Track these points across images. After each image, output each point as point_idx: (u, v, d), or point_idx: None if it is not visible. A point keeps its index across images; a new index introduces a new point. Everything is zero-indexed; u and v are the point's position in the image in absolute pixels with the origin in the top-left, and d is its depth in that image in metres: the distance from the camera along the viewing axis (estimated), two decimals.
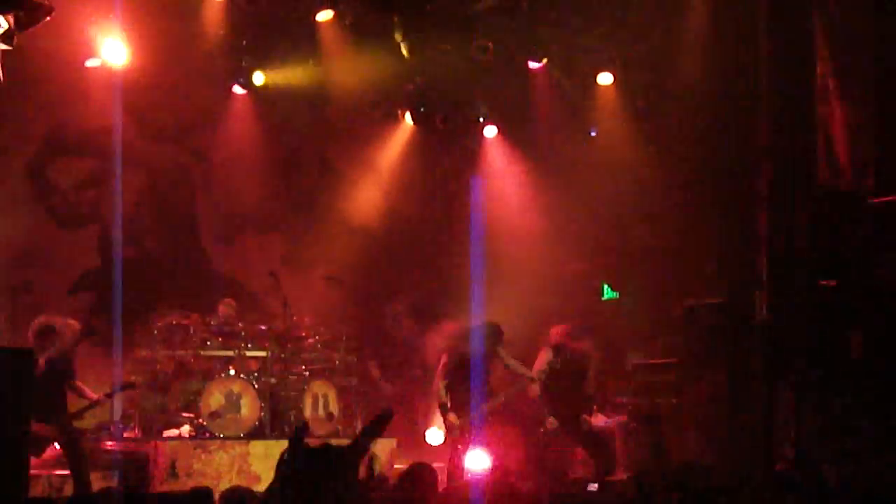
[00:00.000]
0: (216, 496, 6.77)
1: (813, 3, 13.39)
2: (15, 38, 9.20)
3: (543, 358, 12.37)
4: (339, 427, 12.97)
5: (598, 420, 13.58)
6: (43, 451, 11.36)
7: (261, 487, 6.10)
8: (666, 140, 14.81)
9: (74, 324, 11.70)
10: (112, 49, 13.64)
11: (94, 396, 11.90)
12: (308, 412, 12.72)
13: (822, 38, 13.44)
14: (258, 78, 14.48)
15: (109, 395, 12.30)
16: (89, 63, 13.87)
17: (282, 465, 2.33)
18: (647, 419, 13.11)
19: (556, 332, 12.64)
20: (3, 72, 9.33)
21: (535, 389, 12.24)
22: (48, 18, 10.80)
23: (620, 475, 11.77)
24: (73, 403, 11.85)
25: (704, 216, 14.49)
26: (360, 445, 2.43)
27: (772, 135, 13.62)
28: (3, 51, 9.23)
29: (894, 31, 12.97)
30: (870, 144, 13.49)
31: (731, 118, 14.14)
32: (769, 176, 13.57)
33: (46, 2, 9.35)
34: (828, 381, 12.92)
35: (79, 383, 11.88)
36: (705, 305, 13.71)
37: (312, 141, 16.15)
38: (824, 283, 13.32)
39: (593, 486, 8.23)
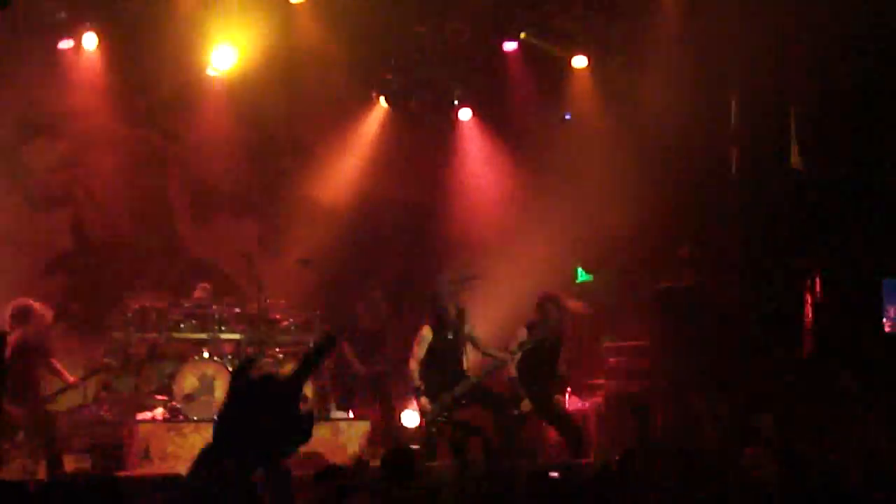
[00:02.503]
0: None
1: None
2: None
3: (518, 339, 12.39)
4: (313, 408, 12.94)
5: (573, 402, 13.64)
6: (16, 433, 11.35)
7: None
8: (640, 123, 14.86)
9: (49, 311, 11.70)
10: (86, 31, 13.61)
11: (70, 378, 11.88)
12: None
13: (794, 21, 13.52)
14: (229, 58, 14.41)
15: (83, 379, 12.29)
16: (63, 44, 13.82)
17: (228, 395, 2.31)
18: (634, 410, 13.15)
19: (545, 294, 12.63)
20: None
21: (510, 370, 12.27)
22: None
23: (592, 458, 11.83)
24: (47, 386, 11.83)
25: (678, 199, 14.56)
26: (301, 375, 2.41)
27: (743, 118, 13.71)
28: None
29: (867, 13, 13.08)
30: (844, 130, 13.61)
31: (705, 102, 14.21)
32: (740, 159, 13.66)
33: None
34: (802, 362, 13.06)
35: (55, 363, 11.85)
36: (677, 288, 13.79)
37: (286, 123, 16.12)
38: (797, 266, 13.44)
39: (554, 473, 8.23)
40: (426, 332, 11.96)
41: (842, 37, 13.21)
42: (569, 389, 13.24)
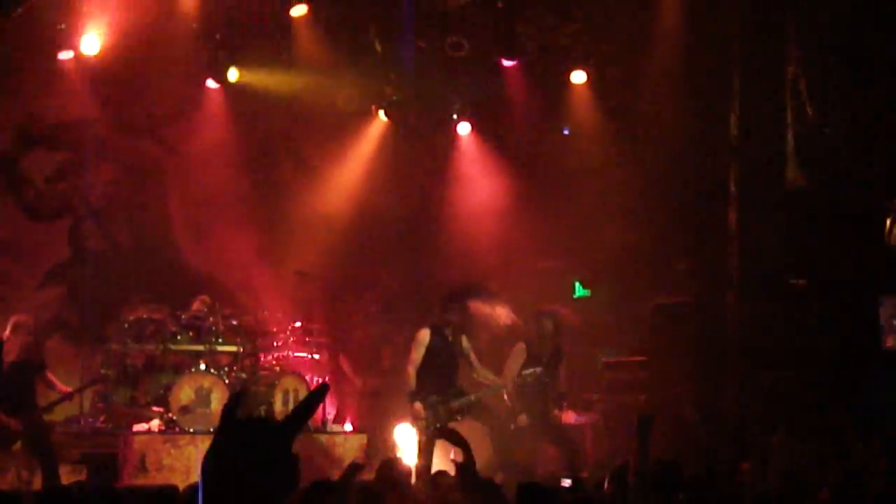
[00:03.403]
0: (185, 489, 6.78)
1: (786, 2, 13.48)
2: None
3: (516, 356, 12.34)
4: (309, 422, 12.89)
5: (569, 417, 13.61)
6: (12, 443, 11.34)
7: None
8: (638, 138, 14.88)
9: (29, 318, 11.67)
10: (85, 42, 13.63)
11: (66, 389, 11.86)
12: (279, 407, 12.71)
13: (793, 38, 13.52)
14: (232, 73, 14.48)
15: (80, 389, 12.27)
16: (62, 55, 13.84)
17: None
18: (640, 423, 13.13)
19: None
20: None
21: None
22: (20, 10, 10.80)
23: (588, 472, 11.80)
24: (43, 396, 11.83)
25: (675, 214, 14.56)
26: (297, 420, 2.37)
27: (742, 134, 13.71)
28: None
29: (866, 30, 13.08)
30: (841, 144, 13.60)
31: (703, 117, 14.22)
32: (738, 175, 13.66)
33: None
34: (797, 378, 13.04)
35: (50, 375, 11.84)
36: (675, 303, 13.78)
37: (286, 136, 16.14)
38: (793, 282, 13.42)
39: (566, 482, 8.22)
40: (423, 336, 11.93)
41: (842, 51, 13.22)
42: (565, 404, 13.22)
